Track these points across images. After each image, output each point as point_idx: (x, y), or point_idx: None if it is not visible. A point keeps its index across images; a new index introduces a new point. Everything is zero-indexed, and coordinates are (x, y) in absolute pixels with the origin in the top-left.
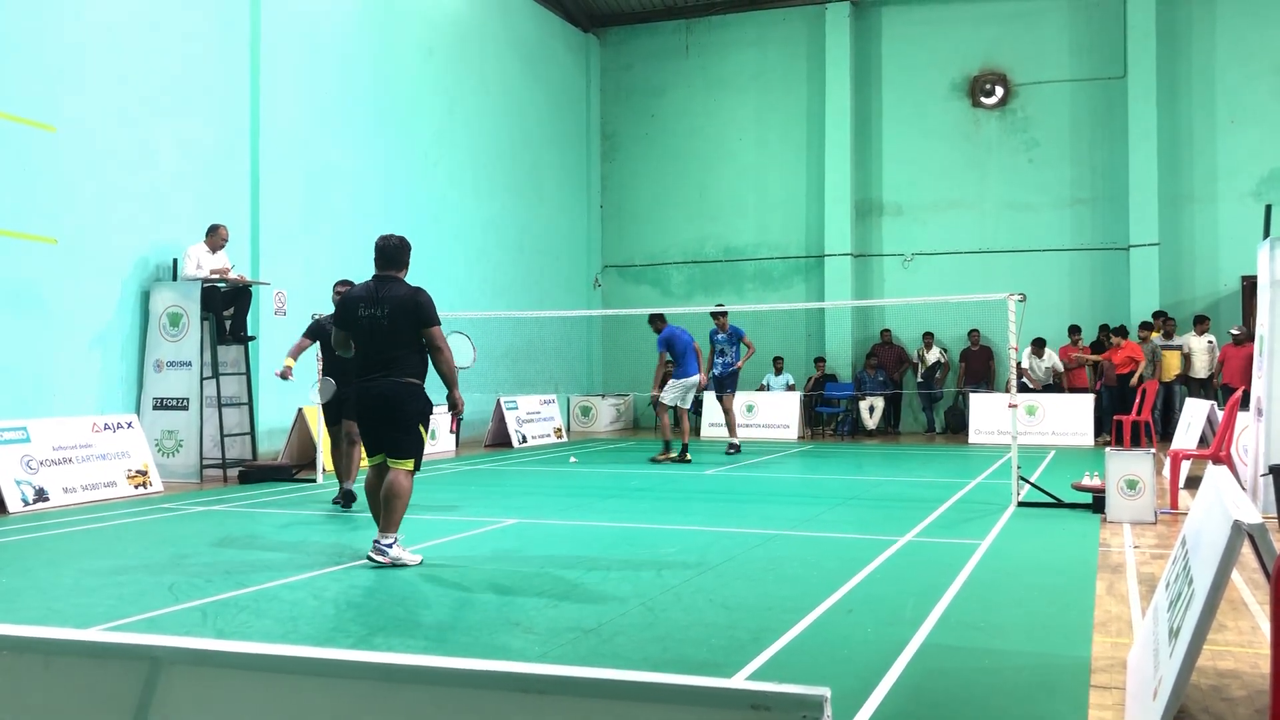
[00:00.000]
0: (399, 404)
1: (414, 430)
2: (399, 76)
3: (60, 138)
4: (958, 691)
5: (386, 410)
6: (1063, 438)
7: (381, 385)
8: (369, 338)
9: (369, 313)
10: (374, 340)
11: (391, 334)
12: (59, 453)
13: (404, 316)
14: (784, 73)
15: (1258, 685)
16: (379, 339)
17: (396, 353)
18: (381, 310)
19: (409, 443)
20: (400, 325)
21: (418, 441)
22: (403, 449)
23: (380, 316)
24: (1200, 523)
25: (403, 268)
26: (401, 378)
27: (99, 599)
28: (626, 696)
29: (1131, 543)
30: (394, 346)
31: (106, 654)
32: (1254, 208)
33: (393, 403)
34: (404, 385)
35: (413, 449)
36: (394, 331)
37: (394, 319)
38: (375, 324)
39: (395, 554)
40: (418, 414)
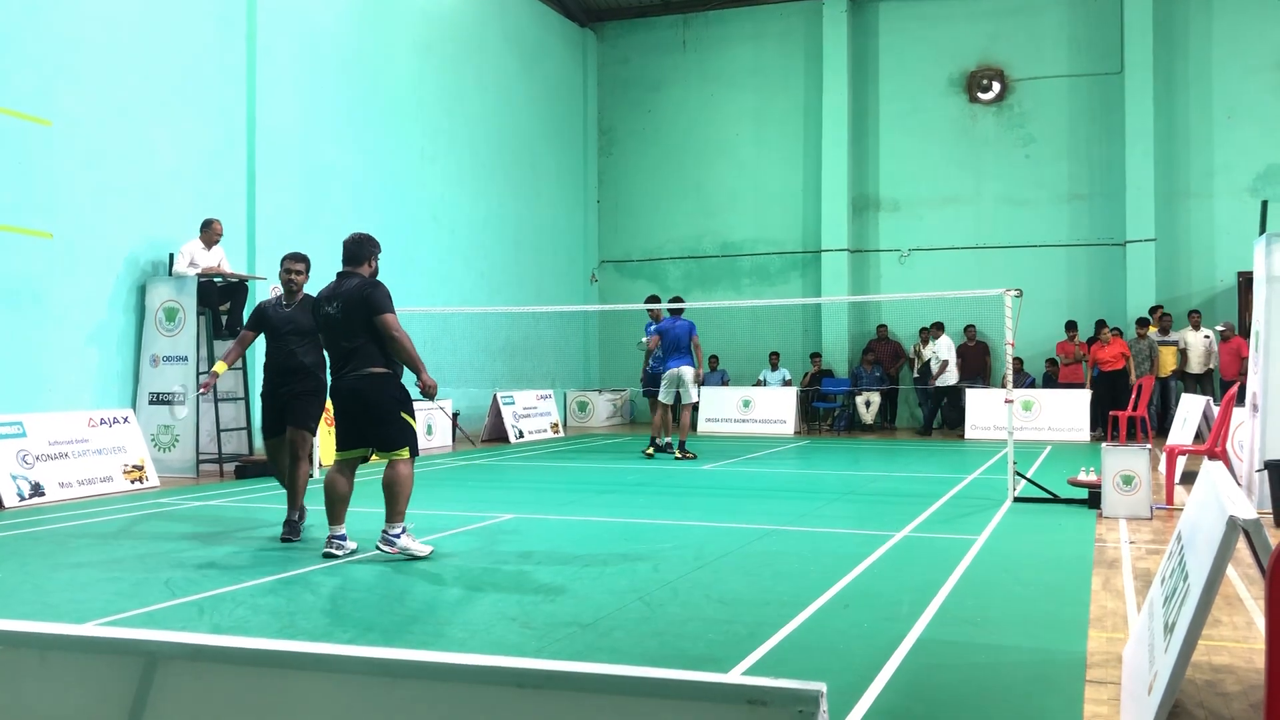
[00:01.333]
0: (366, 396)
1: (394, 419)
2: (395, 72)
3: (56, 132)
4: (954, 686)
5: (357, 404)
6: (1059, 433)
7: (348, 380)
8: (330, 334)
9: (327, 310)
10: (334, 336)
11: (347, 327)
12: (55, 447)
13: (356, 309)
14: (781, 68)
15: (1253, 680)
16: (338, 334)
17: (354, 345)
18: (336, 306)
19: (394, 432)
20: (353, 318)
21: (404, 428)
22: (391, 440)
23: (335, 312)
24: (1196, 518)
25: (362, 263)
26: (363, 369)
27: (95, 594)
28: (623, 691)
29: (1127, 538)
30: (351, 339)
31: (102, 649)
32: (1250, 203)
33: (361, 395)
34: (367, 377)
35: (401, 437)
36: (349, 324)
37: (347, 312)
38: (333, 320)
39: (404, 544)
40: (391, 401)
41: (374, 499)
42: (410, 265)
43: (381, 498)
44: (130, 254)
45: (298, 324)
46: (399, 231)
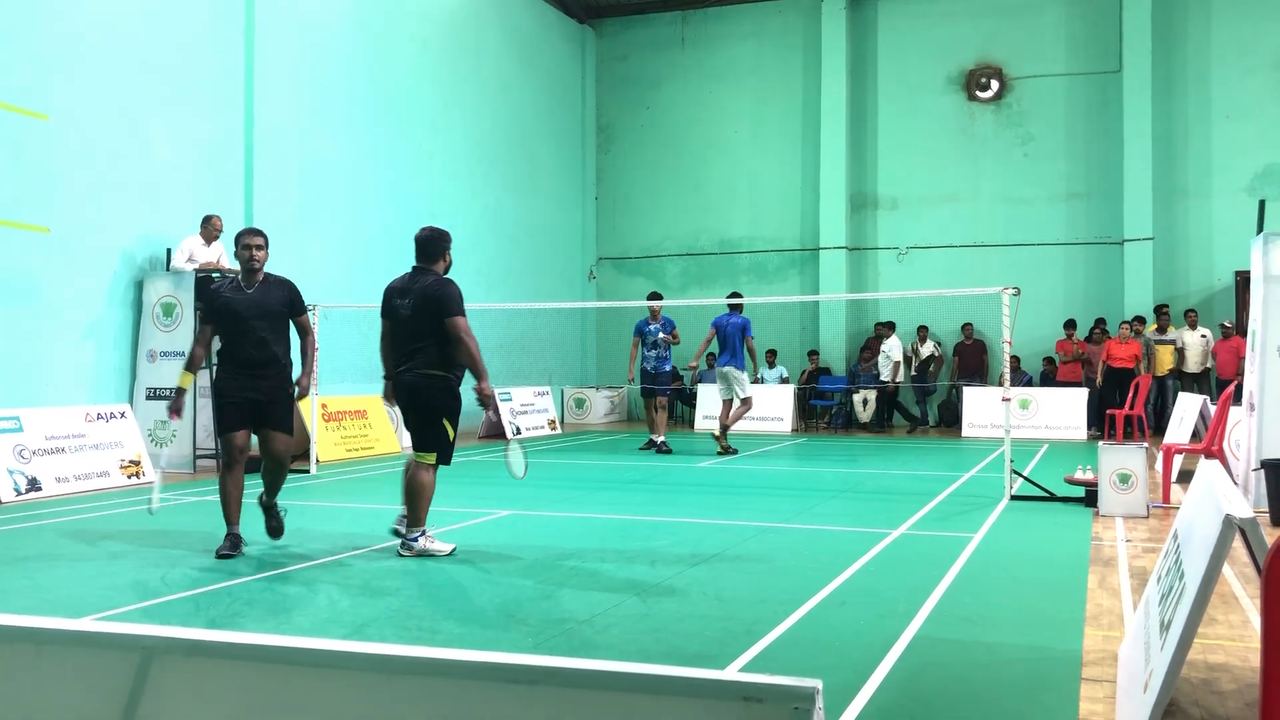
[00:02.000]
0: (419, 395)
1: (435, 422)
2: (394, 68)
3: (53, 127)
4: (950, 684)
5: (412, 401)
6: (1056, 431)
7: (406, 378)
8: (397, 329)
9: (398, 304)
10: (401, 332)
11: (415, 326)
12: (52, 442)
13: (426, 308)
14: (780, 65)
15: (1248, 679)
16: (405, 331)
17: (419, 344)
18: (408, 302)
19: (430, 435)
20: (422, 317)
21: (440, 434)
22: (425, 441)
23: (406, 309)
24: (1192, 517)
25: (437, 259)
26: (421, 371)
27: (91, 589)
28: (618, 688)
29: (1123, 536)
30: (417, 338)
31: (98, 644)
32: (1248, 203)
33: (415, 394)
34: (424, 376)
35: (434, 441)
36: (417, 323)
37: (417, 310)
38: (402, 316)
39: (422, 546)
40: (441, 407)
41: (368, 496)
42: (407, 261)
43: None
44: (127, 249)
45: (264, 307)
46: (396, 226)
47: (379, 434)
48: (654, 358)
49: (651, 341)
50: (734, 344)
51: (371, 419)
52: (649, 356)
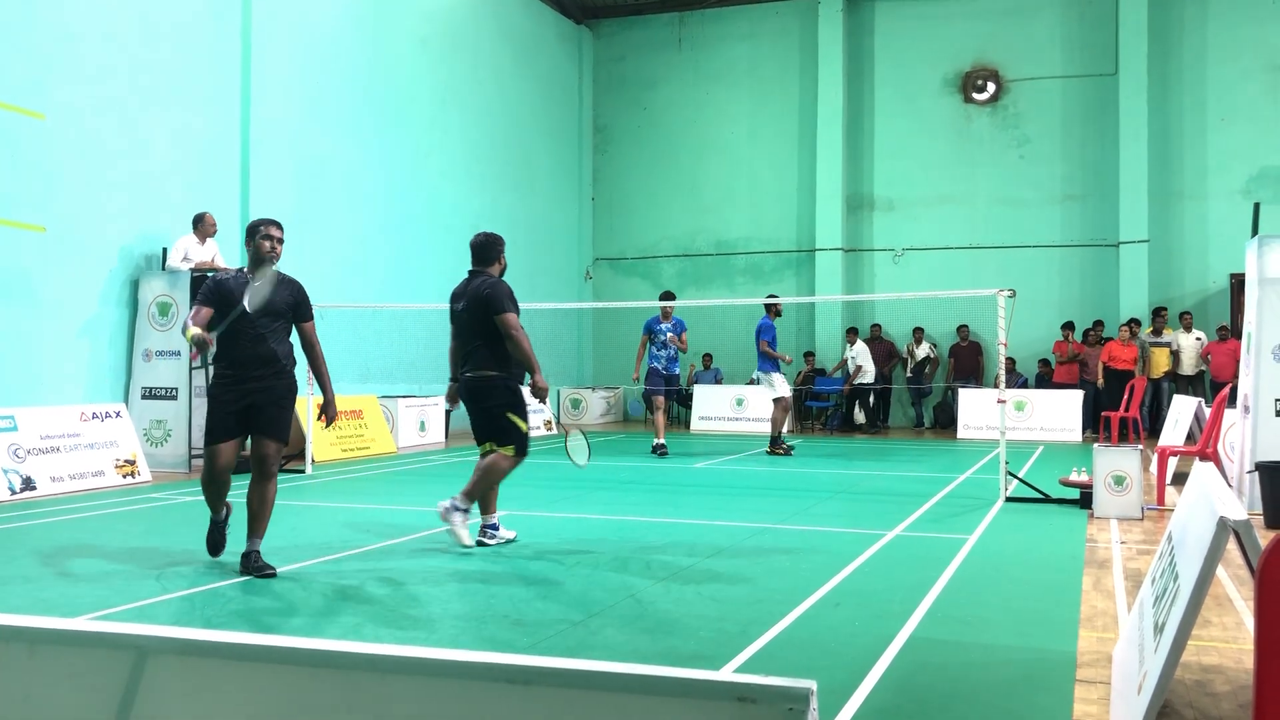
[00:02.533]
0: (478, 397)
1: (502, 420)
2: (391, 67)
3: (50, 125)
4: (944, 685)
5: (472, 403)
6: (1051, 433)
7: (465, 380)
8: (458, 332)
9: (457, 308)
10: (460, 335)
11: (472, 328)
12: (46, 441)
13: (479, 308)
14: (776, 67)
15: (1241, 680)
16: (464, 334)
17: (474, 345)
18: (463, 304)
19: (500, 431)
20: (476, 318)
21: (512, 428)
22: (501, 438)
23: (464, 312)
24: (1186, 519)
25: (492, 263)
26: (476, 372)
27: (86, 588)
28: (613, 688)
29: (1118, 538)
30: (472, 339)
31: (92, 643)
32: (1243, 205)
33: (474, 396)
34: (480, 379)
35: (507, 437)
36: (472, 324)
37: (471, 312)
38: (461, 319)
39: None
40: (500, 406)
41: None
42: (404, 260)
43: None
44: (123, 248)
45: (272, 303)
46: (392, 226)
47: (374, 434)
48: (665, 358)
49: (661, 341)
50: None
51: (367, 419)
52: (659, 356)
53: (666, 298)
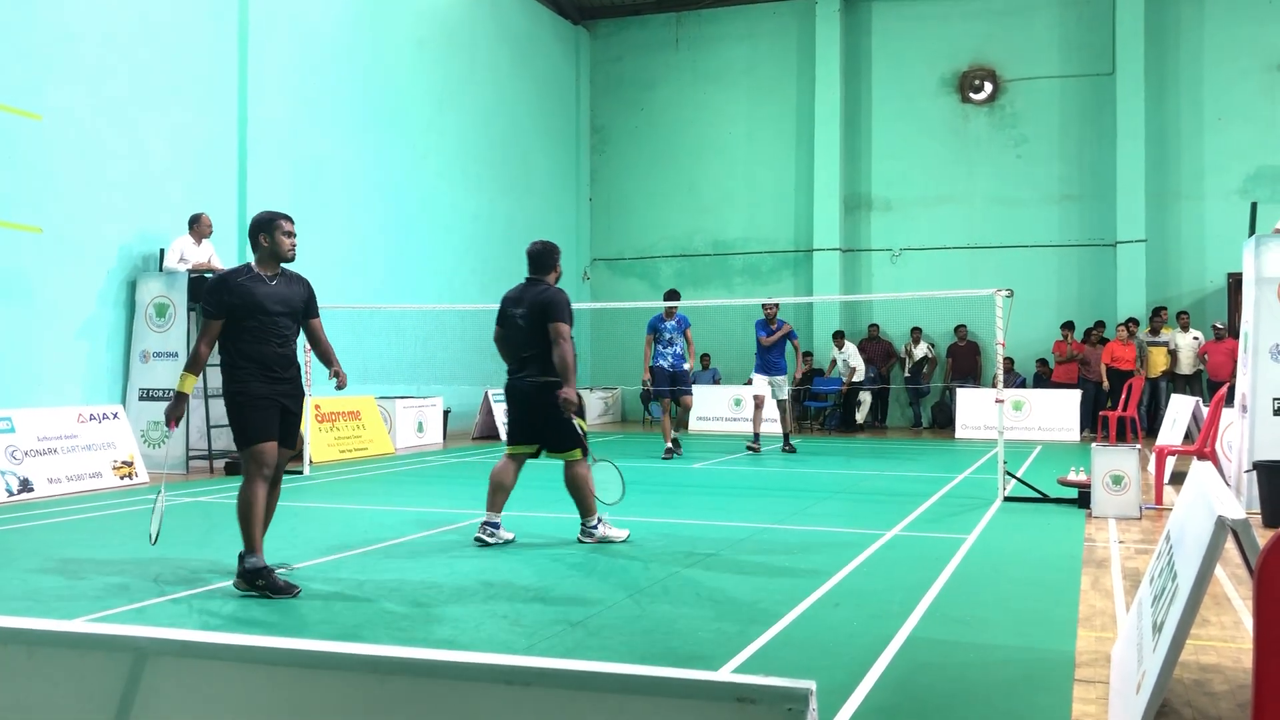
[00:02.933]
0: (537, 401)
1: (564, 423)
2: (389, 68)
3: (46, 126)
4: (943, 685)
5: (529, 407)
6: (1049, 433)
7: (524, 384)
8: (514, 337)
9: (514, 313)
10: (516, 340)
11: (530, 334)
12: (44, 443)
13: (537, 315)
14: (774, 67)
15: (1240, 680)
16: (520, 339)
17: (532, 351)
18: (523, 311)
19: (564, 436)
20: (535, 324)
21: (573, 432)
22: (562, 443)
23: (521, 318)
24: (1184, 518)
25: (549, 271)
26: (540, 378)
27: (84, 590)
28: (611, 689)
29: (1116, 538)
30: (530, 345)
31: (91, 645)
32: (1240, 205)
33: (532, 400)
34: (541, 384)
35: (571, 440)
36: (531, 331)
37: (531, 318)
38: (518, 325)
39: (602, 533)
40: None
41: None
42: (402, 261)
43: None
44: (121, 249)
45: (289, 303)
46: (390, 227)
47: (372, 435)
48: (671, 355)
49: (667, 339)
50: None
51: (364, 420)
52: (665, 354)
53: (671, 296)
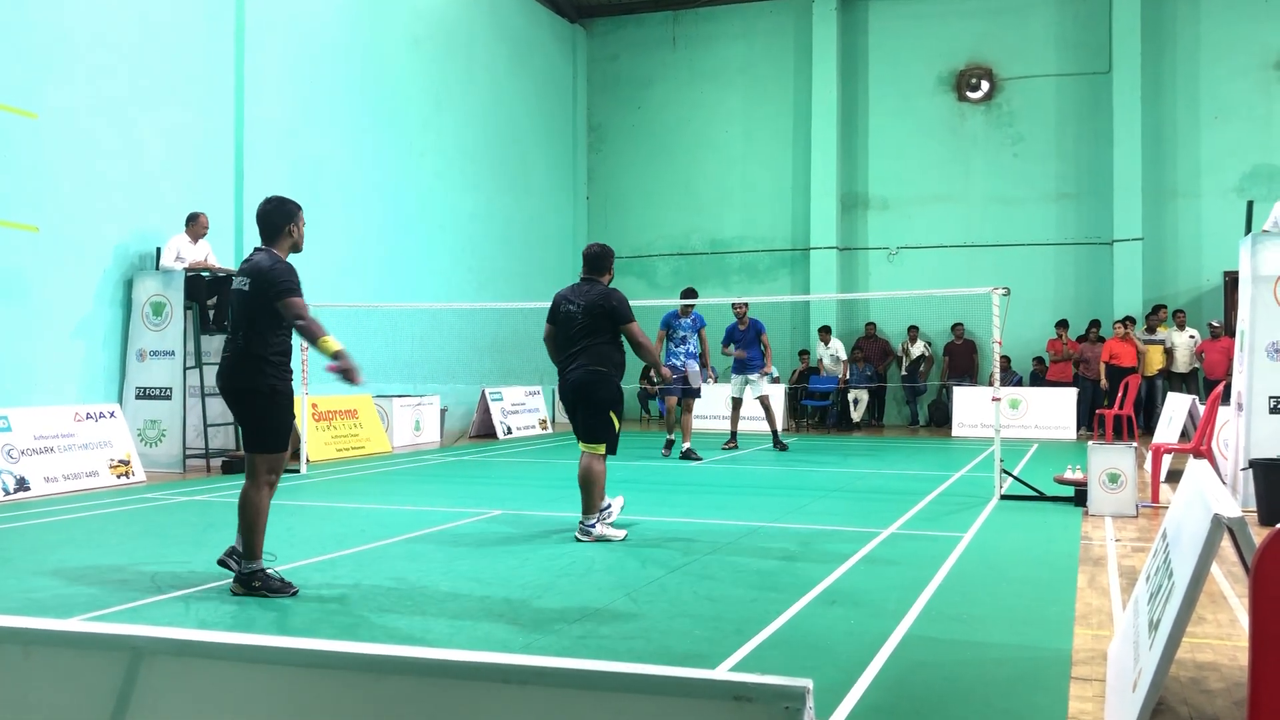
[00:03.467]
0: (586, 390)
1: (604, 415)
2: (385, 66)
3: (43, 125)
4: (940, 683)
5: (582, 394)
6: (1045, 431)
7: (574, 374)
8: (564, 330)
9: (568, 309)
10: (567, 333)
11: (585, 328)
12: (40, 442)
13: (600, 316)
14: (771, 66)
15: (1236, 678)
16: (572, 332)
17: (587, 343)
18: (578, 306)
19: (598, 426)
20: (595, 321)
21: (608, 426)
22: (594, 433)
23: (577, 312)
24: (1181, 516)
25: (605, 272)
26: (592, 366)
27: (80, 589)
28: (609, 688)
29: (1113, 536)
30: (586, 338)
31: (87, 644)
32: (1237, 203)
33: (584, 388)
34: (592, 372)
35: (603, 433)
36: (589, 327)
37: (589, 316)
38: (571, 319)
39: (599, 532)
40: (608, 400)
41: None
42: (398, 260)
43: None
44: (117, 248)
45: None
46: (387, 225)
47: (369, 434)
48: (683, 354)
49: (681, 337)
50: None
51: (361, 419)
52: (676, 353)
53: (689, 294)
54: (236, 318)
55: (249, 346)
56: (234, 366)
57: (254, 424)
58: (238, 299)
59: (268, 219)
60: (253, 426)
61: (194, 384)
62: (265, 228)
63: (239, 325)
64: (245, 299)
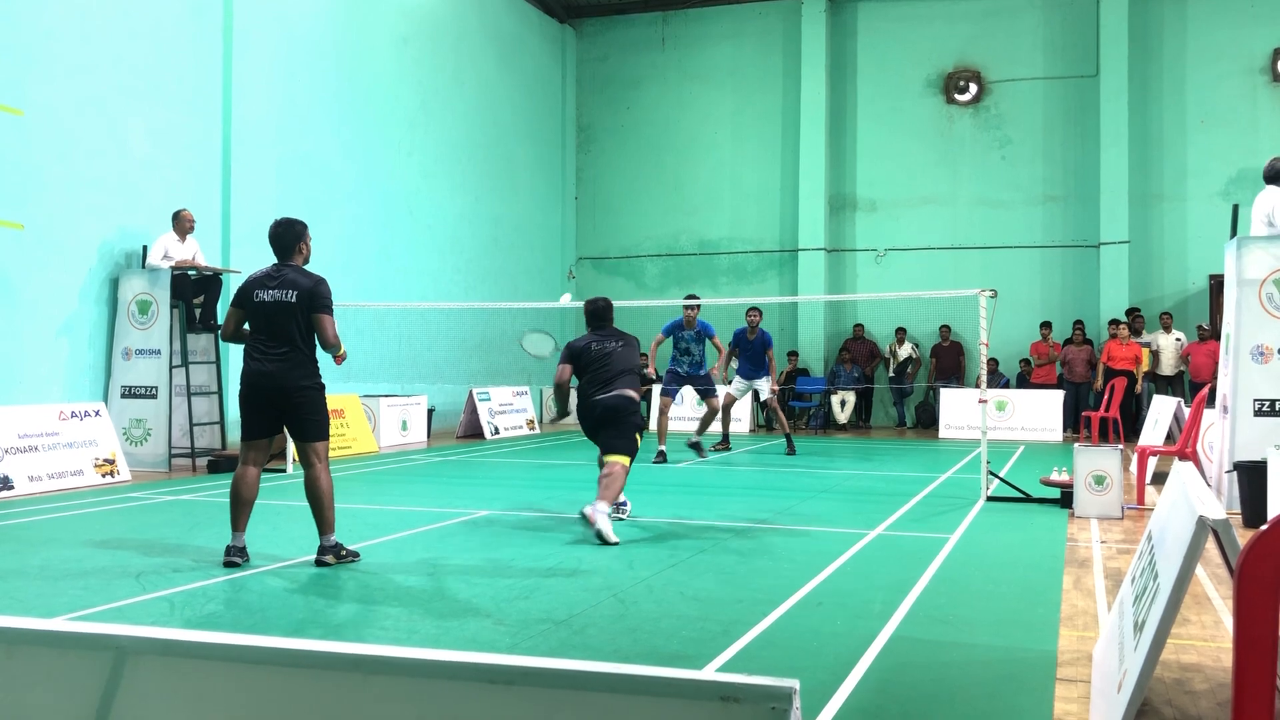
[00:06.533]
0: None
1: (635, 433)
2: (373, 65)
3: (28, 122)
4: (926, 684)
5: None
6: (1032, 433)
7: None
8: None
9: (608, 348)
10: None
11: (625, 363)
12: (25, 440)
13: (633, 350)
14: (760, 67)
15: (1220, 679)
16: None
17: (623, 373)
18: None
19: (630, 443)
20: (630, 356)
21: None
22: (625, 448)
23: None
24: (1166, 518)
25: (612, 319)
26: (627, 391)
27: (64, 588)
28: (596, 688)
29: (1098, 538)
30: (622, 368)
31: (71, 644)
32: (1222, 207)
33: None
34: (629, 399)
35: (632, 447)
36: (626, 361)
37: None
38: (613, 355)
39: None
40: (639, 424)
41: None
42: (385, 260)
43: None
44: (103, 246)
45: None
46: (374, 225)
47: (356, 433)
48: (688, 363)
49: (684, 348)
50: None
51: (348, 418)
52: (682, 361)
53: (691, 299)
54: (282, 325)
55: (300, 350)
56: (290, 368)
57: (309, 416)
58: (281, 309)
59: (280, 239)
60: (309, 419)
61: (180, 383)
62: (280, 246)
63: (286, 332)
64: (292, 310)
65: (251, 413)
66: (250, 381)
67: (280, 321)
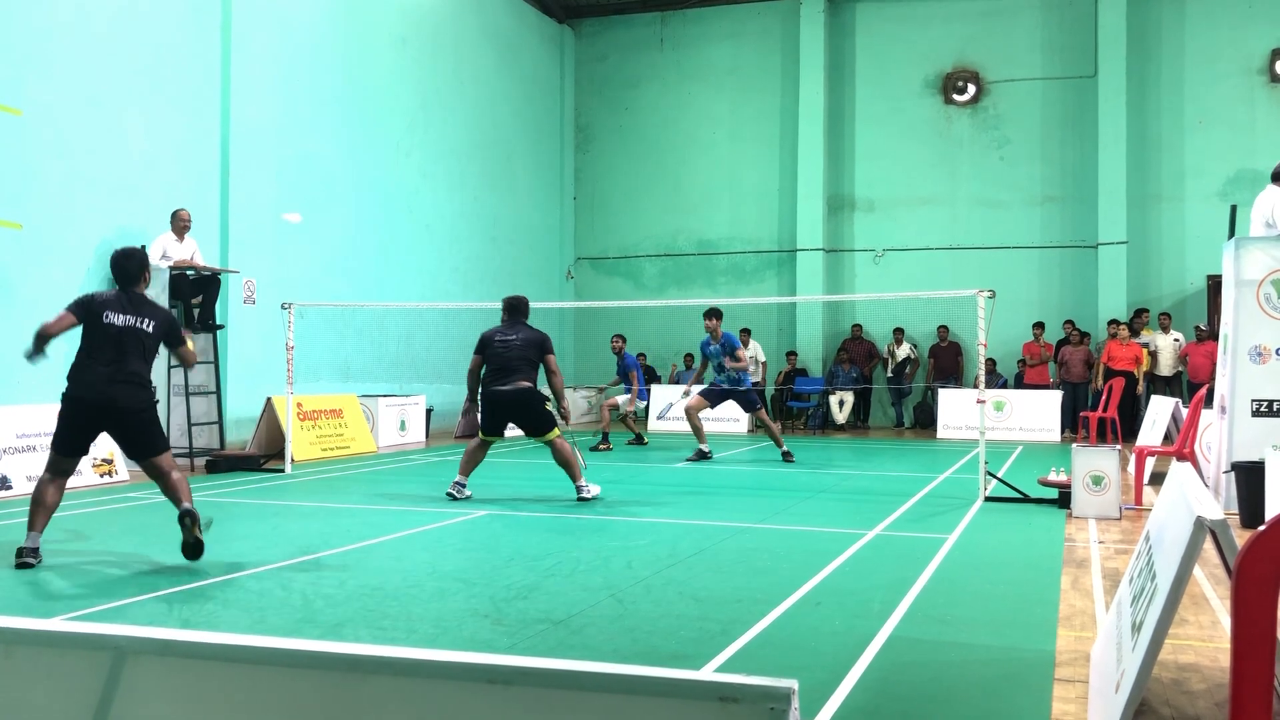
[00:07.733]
0: (529, 404)
1: (546, 413)
2: (372, 65)
3: (26, 121)
4: (924, 684)
5: (522, 408)
6: (1030, 433)
7: (511, 394)
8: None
9: (509, 339)
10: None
11: (522, 357)
12: (23, 440)
13: (531, 348)
14: (758, 67)
15: (1218, 679)
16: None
17: (516, 364)
18: (518, 339)
19: (548, 422)
20: (529, 352)
21: (551, 416)
22: (549, 427)
23: (514, 345)
24: (1164, 518)
25: (526, 316)
26: (520, 383)
27: (62, 588)
28: (594, 688)
29: (1096, 538)
30: (515, 359)
31: (69, 644)
32: (1220, 208)
33: (525, 404)
34: (529, 391)
35: (552, 422)
36: (522, 355)
37: (523, 348)
38: (509, 348)
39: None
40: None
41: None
42: (385, 260)
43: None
44: (101, 245)
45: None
46: (373, 225)
47: (354, 433)
48: (726, 379)
49: (717, 364)
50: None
51: (346, 418)
52: (720, 379)
53: (711, 314)
54: (132, 349)
55: (145, 373)
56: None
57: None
58: (133, 335)
59: (124, 268)
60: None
61: (178, 383)
62: (124, 274)
63: (136, 356)
64: (145, 336)
65: (76, 432)
66: (89, 401)
67: (130, 346)
